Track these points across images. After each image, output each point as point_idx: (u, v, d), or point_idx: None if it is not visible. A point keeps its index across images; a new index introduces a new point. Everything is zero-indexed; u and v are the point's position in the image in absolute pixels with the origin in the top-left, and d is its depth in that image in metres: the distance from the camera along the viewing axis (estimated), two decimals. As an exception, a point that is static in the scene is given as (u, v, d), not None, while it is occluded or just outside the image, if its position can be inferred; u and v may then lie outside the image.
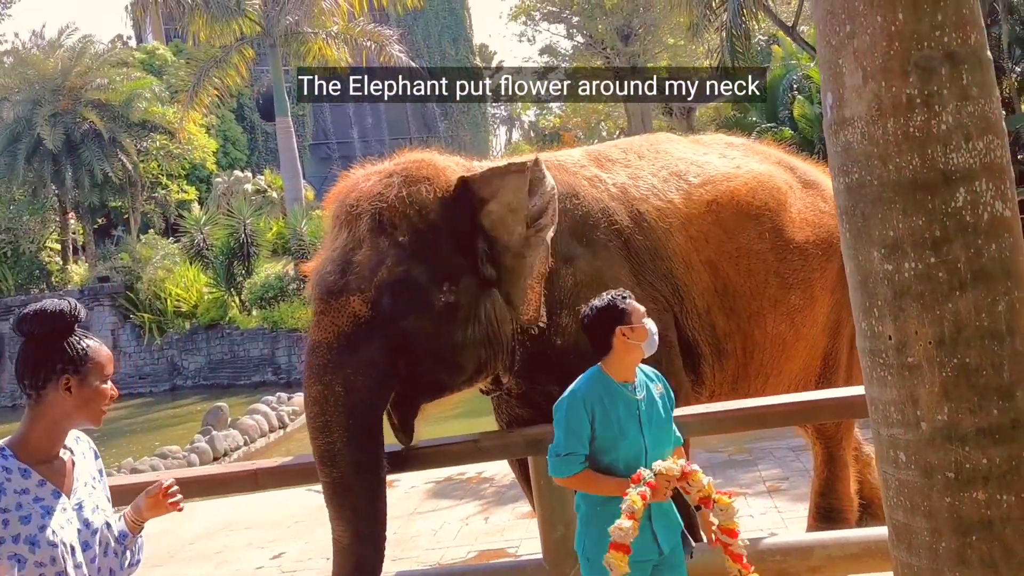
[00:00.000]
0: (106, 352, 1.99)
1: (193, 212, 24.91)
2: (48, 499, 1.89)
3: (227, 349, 21.61)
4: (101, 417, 1.98)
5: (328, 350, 2.80)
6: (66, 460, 1.98)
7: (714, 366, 3.50)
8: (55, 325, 1.92)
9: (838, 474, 4.15)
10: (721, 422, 3.13)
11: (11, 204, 25.46)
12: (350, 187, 3.05)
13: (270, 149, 32.84)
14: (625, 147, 3.77)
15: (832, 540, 3.03)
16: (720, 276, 3.53)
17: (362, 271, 2.84)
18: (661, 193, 3.54)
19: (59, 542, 1.84)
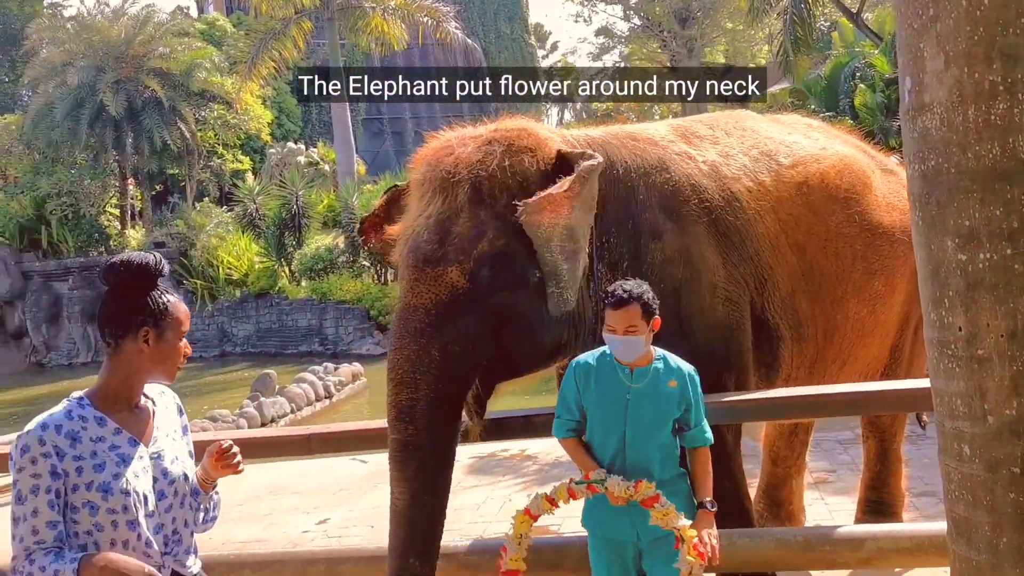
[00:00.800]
0: (184, 309, 2.03)
1: (247, 182, 25.27)
2: (124, 447, 1.93)
3: (275, 318, 21.94)
4: (175, 373, 2.03)
5: (426, 315, 2.76)
6: (148, 409, 2.03)
7: (793, 350, 3.44)
8: (139, 277, 1.95)
9: (890, 468, 4.11)
10: (779, 408, 3.10)
11: (73, 168, 26.01)
12: (444, 151, 2.96)
13: (324, 122, 33.09)
14: (711, 123, 3.68)
15: (884, 533, 3.00)
16: (807, 259, 3.46)
17: (461, 242, 2.78)
18: (752, 174, 3.47)
19: (132, 491, 1.89)
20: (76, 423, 1.91)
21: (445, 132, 3.13)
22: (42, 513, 1.83)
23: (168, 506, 1.98)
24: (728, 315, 3.20)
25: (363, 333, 20.20)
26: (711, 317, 3.15)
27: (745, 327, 3.27)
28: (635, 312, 2.61)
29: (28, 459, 1.84)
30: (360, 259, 21.58)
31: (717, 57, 34.57)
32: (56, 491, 1.84)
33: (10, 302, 24.91)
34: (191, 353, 2.08)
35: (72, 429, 1.89)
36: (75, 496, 1.86)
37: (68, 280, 24.67)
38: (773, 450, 4.31)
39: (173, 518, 1.99)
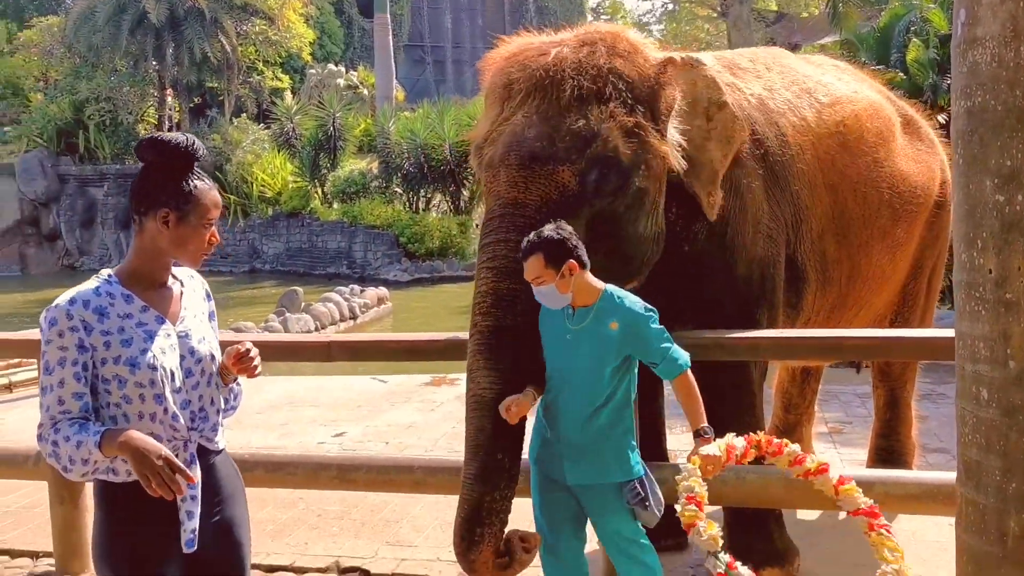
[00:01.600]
0: (214, 197, 2.01)
1: (285, 100, 25.20)
2: (151, 324, 1.96)
3: (306, 238, 22.08)
4: (199, 258, 2.03)
5: (536, 211, 2.58)
6: (174, 290, 2.05)
7: (816, 293, 3.42)
8: (169, 157, 1.95)
9: (900, 416, 4.11)
10: (795, 348, 3.08)
11: (113, 74, 26.04)
12: (536, 52, 2.79)
13: (365, 46, 32.79)
14: (752, 57, 3.61)
15: (892, 478, 2.99)
16: (839, 201, 3.42)
17: (574, 141, 2.63)
18: (796, 109, 3.41)
19: (159, 366, 1.92)
20: (104, 299, 1.93)
21: (517, 37, 2.98)
22: (68, 384, 1.87)
23: (195, 383, 2.01)
24: (767, 251, 3.17)
25: (391, 259, 20.28)
26: (752, 251, 3.12)
27: (781, 265, 3.24)
28: (537, 263, 2.44)
29: (56, 332, 1.87)
30: (393, 185, 21.57)
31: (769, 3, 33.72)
32: (83, 364, 1.88)
33: (45, 204, 25.26)
34: (218, 241, 2.07)
35: (100, 304, 1.92)
36: (104, 369, 1.90)
37: (103, 186, 24.93)
38: (785, 396, 4.32)
39: (200, 395, 2.02)
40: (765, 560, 3.22)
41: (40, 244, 25.59)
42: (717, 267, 3.06)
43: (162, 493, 1.77)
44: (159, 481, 1.75)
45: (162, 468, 1.76)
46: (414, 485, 3.29)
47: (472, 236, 20.17)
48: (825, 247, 3.40)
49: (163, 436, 1.93)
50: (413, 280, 19.16)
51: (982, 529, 1.97)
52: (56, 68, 27.95)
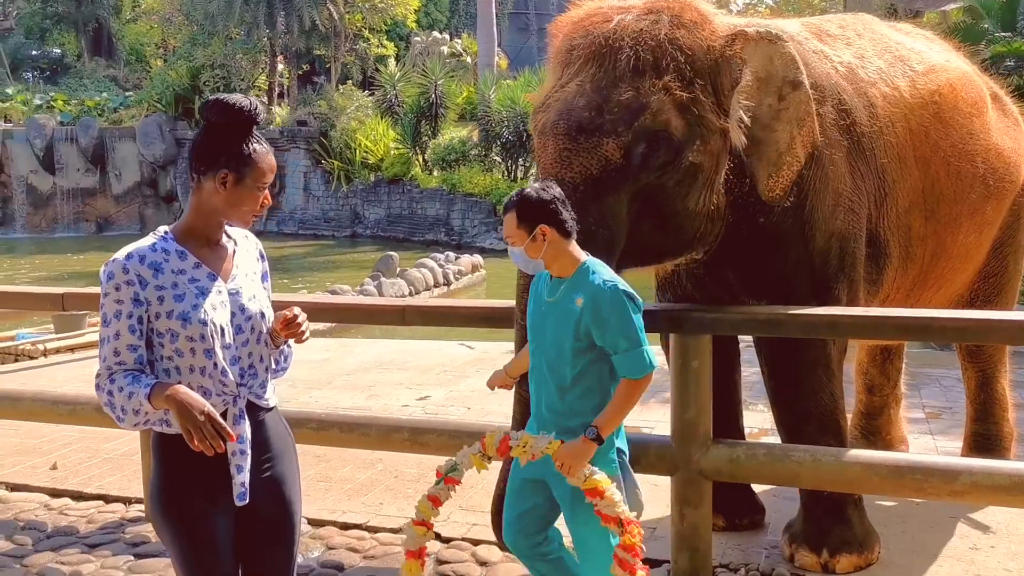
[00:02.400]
0: (270, 161, 2.04)
1: (389, 68, 25.49)
2: (203, 281, 2.00)
3: (406, 205, 22.40)
4: (251, 220, 2.06)
5: (573, 191, 2.52)
6: (227, 249, 2.09)
7: (898, 270, 3.29)
8: (231, 119, 1.98)
9: (995, 399, 3.92)
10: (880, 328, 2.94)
11: (227, 42, 26.84)
12: (599, 18, 2.73)
13: (470, 14, 32.83)
14: (841, 23, 3.46)
15: (980, 467, 2.83)
16: (929, 175, 3.27)
17: (622, 113, 2.57)
18: (888, 79, 3.26)
19: (209, 321, 1.96)
20: (159, 255, 1.98)
21: (591, 2, 2.90)
22: (123, 336, 1.93)
23: (245, 340, 2.05)
24: (847, 225, 3.05)
25: (488, 227, 20.38)
26: (831, 224, 3.01)
27: (862, 239, 3.12)
28: (510, 221, 2.37)
29: (112, 285, 1.93)
30: (492, 154, 21.62)
31: (890, -31, 32.17)
32: (139, 317, 1.94)
33: (163, 166, 26.33)
34: (270, 204, 2.10)
35: (155, 260, 1.97)
36: (158, 323, 1.96)
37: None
38: (867, 378, 4.17)
39: (249, 352, 2.06)
40: (841, 546, 3.11)
41: (158, 205, 26.73)
42: (793, 240, 2.96)
43: (203, 448, 1.81)
44: (200, 436, 1.80)
45: (204, 424, 1.80)
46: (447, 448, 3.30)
47: (570, 206, 20.03)
48: (911, 222, 3.26)
49: (212, 390, 1.98)
50: (508, 248, 19.20)
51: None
52: (175, 35, 29.02)
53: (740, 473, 3.10)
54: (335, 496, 4.12)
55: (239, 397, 2.03)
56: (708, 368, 3.03)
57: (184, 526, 2.00)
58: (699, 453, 3.03)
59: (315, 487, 4.17)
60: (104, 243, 23.92)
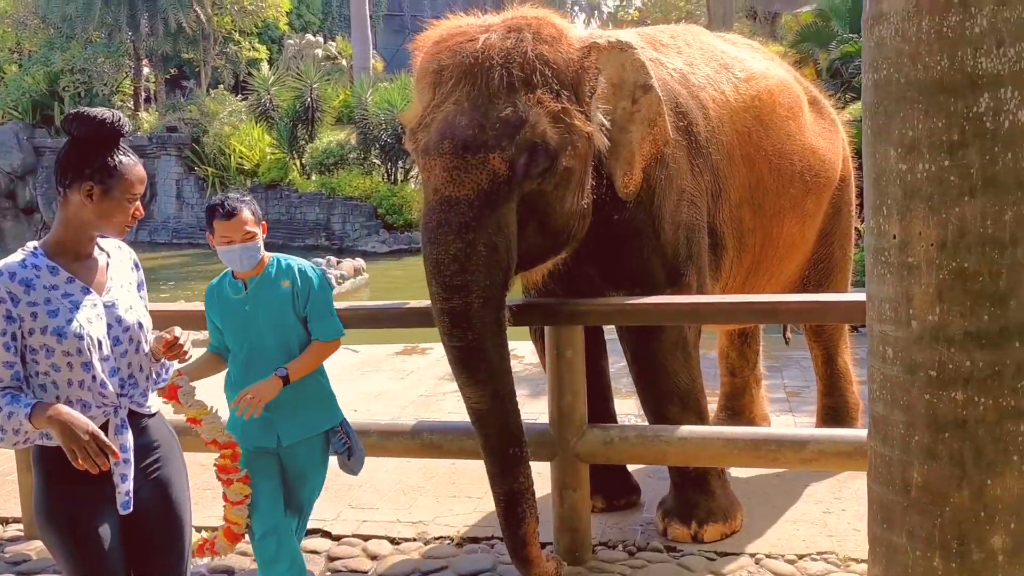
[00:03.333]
0: (139, 172, 2.07)
1: (262, 71, 24.97)
2: (77, 295, 2.02)
3: (284, 210, 22.01)
4: (124, 230, 2.09)
5: (470, 207, 2.68)
6: (100, 261, 2.11)
7: (734, 259, 3.58)
8: (95, 131, 2.00)
9: (839, 373, 4.29)
10: (734, 313, 3.20)
11: (88, 46, 25.74)
12: (464, 38, 2.86)
13: (344, 16, 32.49)
14: (672, 33, 3.76)
15: (826, 436, 3.13)
16: (755, 172, 3.58)
17: (503, 128, 2.71)
18: (715, 84, 3.55)
19: (85, 335, 1.99)
20: (30, 271, 2.00)
21: (448, 21, 3.07)
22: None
23: (123, 351, 2.08)
24: (691, 217, 3.31)
25: (369, 231, 20.29)
26: (677, 217, 3.25)
27: (704, 230, 3.39)
28: (249, 219, 2.70)
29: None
30: (371, 157, 21.52)
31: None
32: (12, 334, 1.95)
33: (22, 177, 25.04)
34: (142, 215, 2.14)
35: (26, 277, 1.99)
36: (32, 339, 1.97)
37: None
38: (728, 361, 4.48)
39: (129, 363, 2.10)
40: (708, 516, 3.36)
41: (17, 217, 25.40)
42: (646, 233, 3.19)
43: (87, 467, 1.84)
44: (84, 455, 1.83)
45: (88, 443, 1.84)
46: (370, 449, 3.39)
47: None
48: (742, 215, 3.56)
49: (92, 403, 2.01)
50: (391, 251, 19.18)
51: (889, 480, 2.09)
52: (30, 39, 27.57)
53: (614, 455, 3.30)
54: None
55: (120, 407, 2.06)
56: (581, 357, 3.22)
57: (72, 536, 2.02)
58: (575, 438, 3.22)
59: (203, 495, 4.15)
60: (-40, 259, 22.63)
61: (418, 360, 7.13)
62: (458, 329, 2.74)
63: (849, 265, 4.33)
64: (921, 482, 2.02)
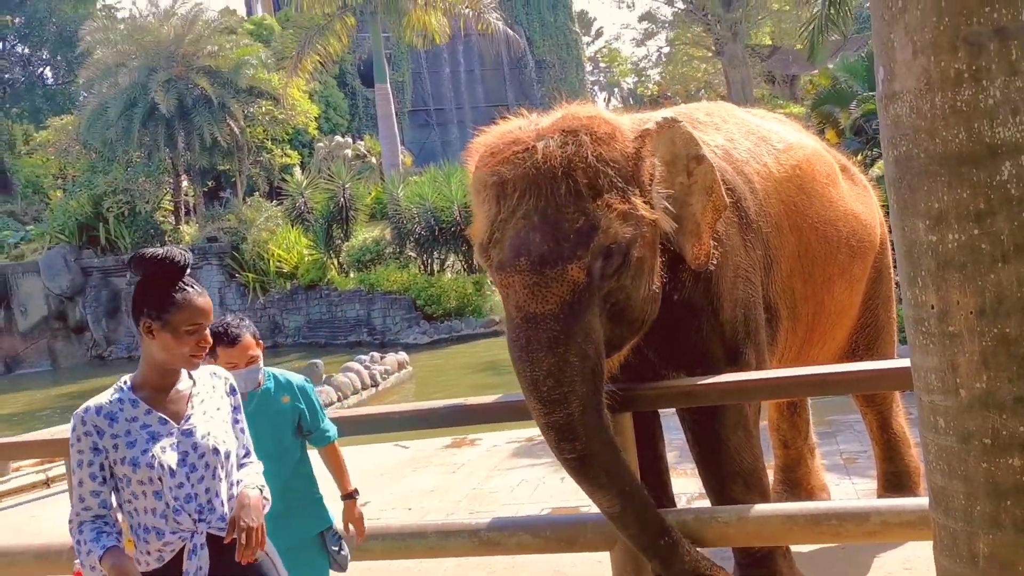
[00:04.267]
0: (198, 303, 2.14)
1: (295, 176, 25.73)
2: (154, 425, 2.13)
3: (325, 309, 22.34)
4: (191, 361, 2.17)
5: (556, 321, 2.68)
6: (183, 390, 2.20)
7: (788, 330, 3.56)
8: (155, 270, 2.12)
9: (897, 438, 4.23)
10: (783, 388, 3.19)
11: (128, 167, 26.69)
12: (520, 147, 2.84)
13: (370, 115, 33.43)
14: (706, 110, 3.80)
15: (888, 507, 3.07)
16: (803, 241, 3.58)
17: (578, 238, 2.71)
18: (757, 157, 3.57)
19: (156, 464, 2.08)
20: (115, 405, 2.13)
21: (498, 127, 3.06)
22: (86, 484, 2.08)
23: (200, 478, 2.15)
24: (747, 293, 3.30)
25: (409, 323, 20.48)
26: (734, 294, 3.24)
27: (760, 306, 3.37)
28: (251, 343, 2.82)
29: (75, 436, 2.10)
30: (406, 250, 21.87)
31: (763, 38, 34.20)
32: (100, 464, 2.09)
33: (71, 297, 25.74)
34: (208, 345, 2.21)
35: (111, 411, 2.12)
36: (116, 469, 2.10)
37: (126, 275, 25.38)
38: (780, 433, 4.43)
39: (206, 488, 2.16)
40: None
41: (68, 337, 26.02)
42: (704, 312, 3.19)
43: None
44: None
45: None
46: (428, 551, 3.40)
47: (488, 293, 20.34)
48: (794, 285, 3.55)
49: (166, 530, 2.09)
50: (432, 342, 19.32)
51: (955, 552, 2.05)
52: (73, 165, 28.70)
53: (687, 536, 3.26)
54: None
55: (197, 532, 2.12)
56: (632, 443, 3.21)
57: None
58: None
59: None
60: (14, 383, 23.10)
61: (468, 452, 7.12)
62: (566, 442, 2.71)
63: (894, 327, 4.31)
64: (988, 552, 1.99)
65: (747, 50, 31.65)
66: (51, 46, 38.62)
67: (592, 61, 51.60)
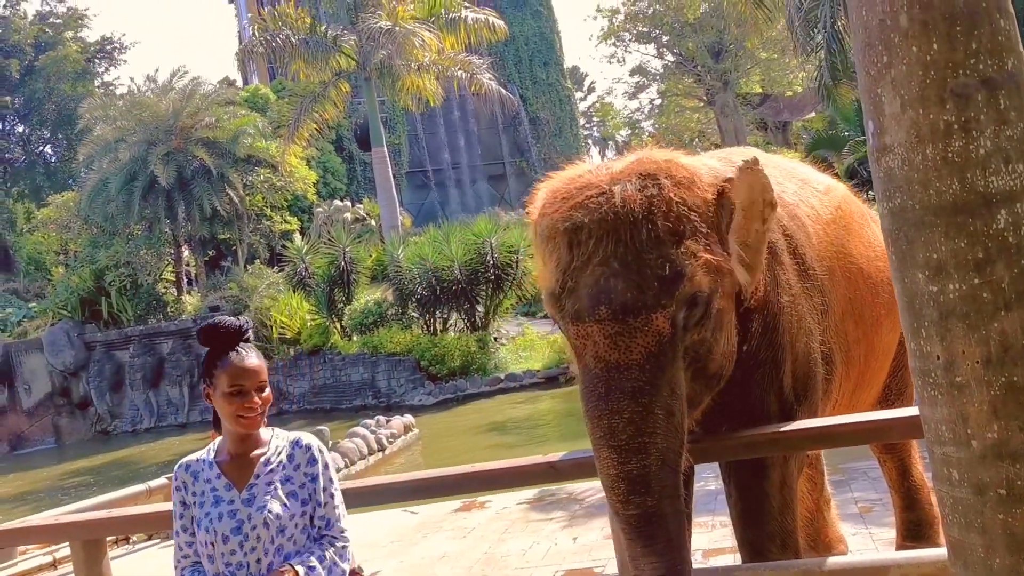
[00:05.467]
0: (239, 365, 2.23)
1: (295, 241, 25.86)
2: (220, 490, 2.21)
3: (329, 374, 22.28)
4: (242, 423, 2.23)
5: (640, 371, 2.53)
6: (254, 457, 2.26)
7: (843, 376, 3.45)
8: (210, 339, 2.26)
9: (916, 486, 4.13)
10: (790, 442, 3.14)
11: (129, 240, 26.91)
12: (595, 192, 2.71)
13: (368, 178, 33.78)
14: (741, 155, 3.73)
15: (905, 559, 3.02)
16: (851, 283, 3.50)
17: (663, 286, 2.57)
18: (805, 200, 3.49)
19: (211, 529, 2.16)
20: (200, 465, 2.26)
21: (563, 172, 2.92)
22: (181, 534, 2.25)
23: (252, 548, 2.18)
24: (808, 348, 3.18)
25: (414, 384, 20.41)
26: (796, 348, 3.13)
27: (819, 360, 3.25)
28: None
29: (173, 488, 2.25)
30: (409, 311, 21.89)
31: (753, 87, 34.68)
32: (190, 518, 2.21)
33: (75, 373, 25.71)
34: (256, 404, 2.24)
35: (196, 469, 2.25)
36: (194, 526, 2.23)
37: (129, 348, 25.41)
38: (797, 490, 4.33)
39: (257, 559, 2.19)
40: None
41: (72, 413, 25.93)
42: (767, 365, 3.07)
43: None
44: None
45: None
46: None
47: (491, 351, 20.33)
48: (847, 328, 3.44)
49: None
50: (438, 402, 19.21)
51: (978, 607, 2.01)
52: (75, 241, 28.94)
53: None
54: None
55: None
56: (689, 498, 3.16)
57: None
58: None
59: None
60: (19, 463, 22.93)
61: (478, 516, 7.03)
62: (636, 495, 2.50)
63: None
64: (1012, 606, 1.95)
65: (738, 99, 32.09)
66: (51, 125, 39.20)
67: (585, 116, 52.29)
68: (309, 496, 2.27)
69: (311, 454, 2.31)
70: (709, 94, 32.15)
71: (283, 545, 2.20)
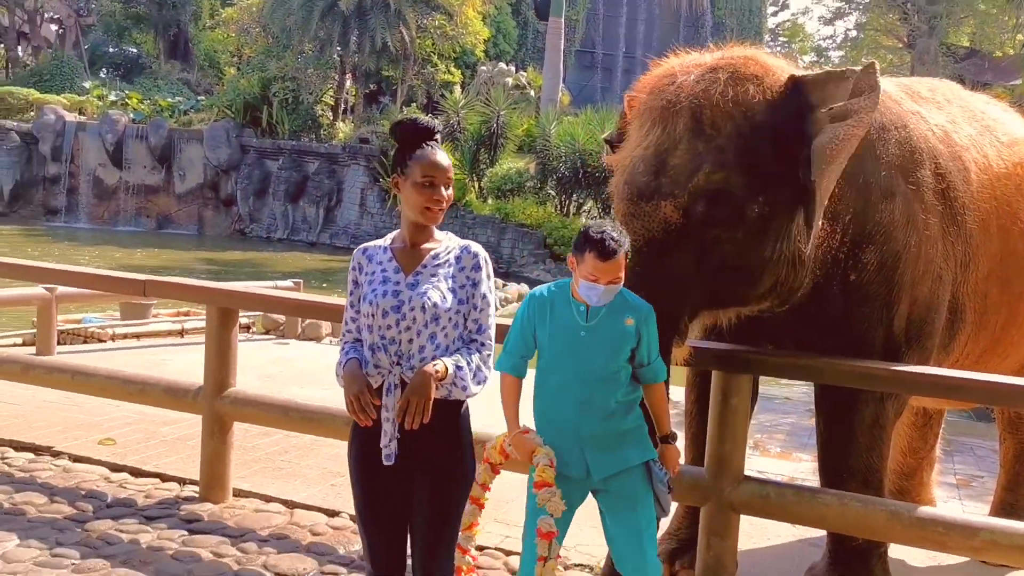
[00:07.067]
0: (431, 158, 2.36)
1: (454, 94, 25.98)
2: (390, 272, 2.39)
3: (457, 229, 22.38)
4: (427, 214, 2.37)
5: (637, 252, 2.58)
6: (425, 250, 2.42)
7: (971, 336, 3.32)
8: (404, 133, 2.40)
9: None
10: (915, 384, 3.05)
11: (300, 56, 27.57)
12: (666, 79, 2.77)
13: (537, 48, 33.36)
14: (930, 87, 3.51)
15: (1001, 526, 2.94)
16: (1008, 245, 3.33)
17: (676, 175, 2.62)
18: (978, 146, 3.31)
19: (375, 303, 2.35)
20: (377, 249, 2.45)
21: (671, 58, 2.96)
22: (347, 311, 2.46)
23: (406, 327, 2.34)
24: (932, 293, 3.07)
25: (537, 259, 20.63)
26: (918, 290, 3.03)
27: (943, 308, 3.15)
28: (621, 262, 2.44)
29: (349, 269, 2.47)
30: (547, 187, 21.92)
31: (961, 39, 32.06)
32: (358, 296, 2.42)
33: (227, 171, 27.03)
34: (442, 199, 2.36)
35: (372, 252, 2.45)
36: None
37: (279, 160, 26.45)
38: (906, 439, 4.23)
39: (410, 339, 2.33)
40: None
41: (217, 208, 27.40)
42: (878, 301, 2.98)
43: (355, 419, 2.31)
44: (350, 411, 2.30)
45: (353, 401, 2.27)
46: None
47: (619, 245, 20.21)
48: (988, 290, 3.29)
49: (370, 362, 2.36)
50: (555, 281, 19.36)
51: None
52: (250, 46, 29.87)
53: (769, 510, 3.23)
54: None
55: (391, 373, 2.33)
56: (747, 406, 3.19)
57: (352, 471, 2.44)
58: (731, 487, 3.17)
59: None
60: (162, 240, 24.56)
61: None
62: None
63: None
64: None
65: (941, 48, 29.81)
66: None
67: (772, 33, 49.65)
68: (467, 298, 2.39)
69: (477, 261, 2.43)
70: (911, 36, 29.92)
71: (435, 333, 2.34)
